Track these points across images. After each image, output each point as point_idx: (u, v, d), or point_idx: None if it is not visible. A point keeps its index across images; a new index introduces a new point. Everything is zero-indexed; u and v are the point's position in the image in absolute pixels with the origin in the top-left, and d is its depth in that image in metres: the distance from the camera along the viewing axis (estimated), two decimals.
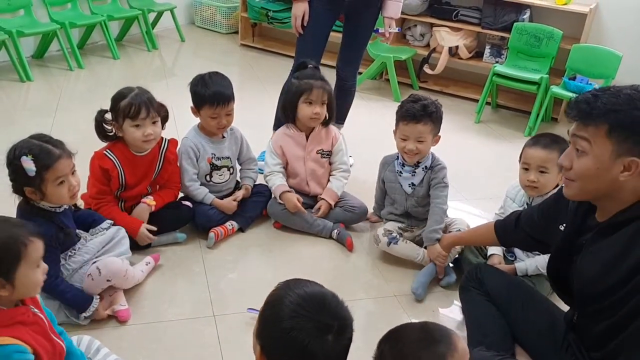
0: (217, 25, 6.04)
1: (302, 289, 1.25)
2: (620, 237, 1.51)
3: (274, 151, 2.76)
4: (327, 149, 2.79)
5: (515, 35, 4.35)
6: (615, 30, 4.41)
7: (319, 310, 1.21)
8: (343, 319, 1.23)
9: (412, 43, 4.99)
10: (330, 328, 1.19)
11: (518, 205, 2.39)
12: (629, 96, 1.45)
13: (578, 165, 1.52)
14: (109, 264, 2.04)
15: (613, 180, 1.48)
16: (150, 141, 2.35)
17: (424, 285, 2.36)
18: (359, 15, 3.05)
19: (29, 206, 1.90)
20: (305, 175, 2.77)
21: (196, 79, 2.55)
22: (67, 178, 1.89)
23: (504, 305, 1.98)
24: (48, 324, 1.56)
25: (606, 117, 1.45)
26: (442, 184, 2.49)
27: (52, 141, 1.90)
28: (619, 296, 1.49)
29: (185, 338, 2.04)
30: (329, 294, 1.26)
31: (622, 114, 1.44)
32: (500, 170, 3.49)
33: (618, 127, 1.44)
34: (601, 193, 1.54)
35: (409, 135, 2.42)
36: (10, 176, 1.87)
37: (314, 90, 2.61)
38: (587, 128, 1.49)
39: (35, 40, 4.74)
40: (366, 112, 4.30)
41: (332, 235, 2.68)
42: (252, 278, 2.39)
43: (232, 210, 2.64)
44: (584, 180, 1.53)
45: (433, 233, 2.42)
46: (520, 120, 4.41)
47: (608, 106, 1.45)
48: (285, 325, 1.19)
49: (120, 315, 2.07)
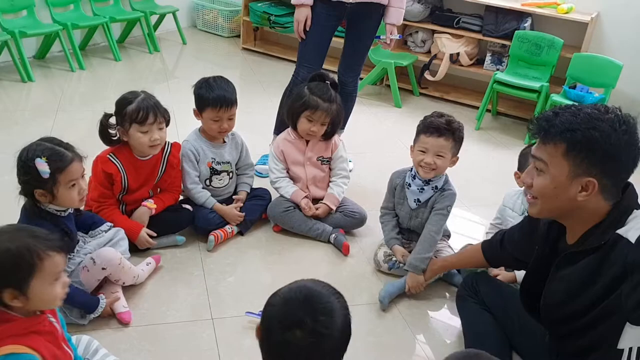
0: (219, 28, 6.06)
1: (302, 283, 1.27)
2: (585, 266, 1.50)
3: (276, 156, 2.77)
4: (327, 155, 2.80)
5: (516, 43, 4.36)
6: (616, 39, 4.43)
7: (295, 304, 1.21)
8: (317, 316, 1.19)
9: (413, 49, 5.00)
10: (299, 323, 1.18)
11: (518, 214, 2.39)
12: (588, 115, 1.43)
13: (537, 183, 1.53)
14: (101, 253, 2.05)
15: (571, 199, 1.48)
16: (156, 146, 2.35)
17: (391, 296, 2.34)
18: (361, 21, 3.06)
19: (37, 209, 1.90)
20: (306, 180, 2.78)
21: (200, 82, 2.56)
22: (78, 181, 1.91)
23: (500, 314, 1.99)
24: (61, 332, 1.57)
25: (563, 136, 1.44)
26: (443, 211, 2.41)
27: (63, 144, 1.91)
28: (584, 321, 1.50)
29: (184, 341, 2.04)
30: (317, 292, 1.24)
31: (579, 133, 1.42)
32: (500, 177, 3.49)
33: (575, 147, 1.43)
34: (563, 212, 1.54)
35: (429, 148, 2.33)
36: (21, 178, 1.86)
37: (318, 111, 2.61)
38: (545, 147, 1.49)
39: (37, 41, 4.75)
40: (366, 117, 4.31)
41: (330, 239, 2.68)
42: (250, 282, 2.39)
43: (238, 221, 2.65)
44: (544, 199, 1.53)
45: (419, 262, 2.34)
46: (520, 128, 4.42)
47: (566, 125, 1.44)
48: (266, 313, 1.24)
49: (122, 318, 2.07)
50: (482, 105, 4.38)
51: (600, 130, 1.41)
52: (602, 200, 1.48)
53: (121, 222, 2.32)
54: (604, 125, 1.41)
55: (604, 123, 1.42)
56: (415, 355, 2.13)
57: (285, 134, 2.79)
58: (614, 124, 1.42)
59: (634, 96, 4.36)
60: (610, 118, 1.43)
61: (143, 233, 2.38)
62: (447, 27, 4.75)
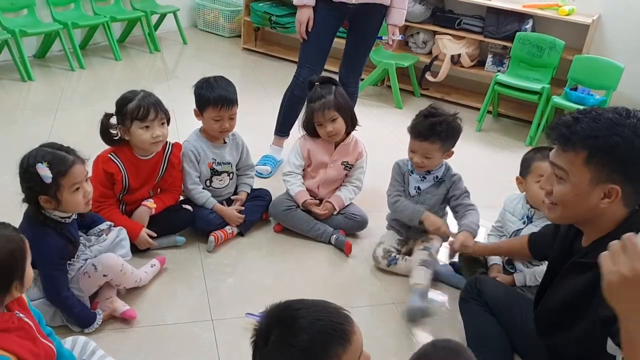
0: (219, 28, 6.05)
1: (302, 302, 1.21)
2: (586, 280, 1.49)
3: (300, 152, 2.75)
4: (352, 162, 2.78)
5: (517, 44, 4.36)
6: (617, 41, 4.42)
7: (270, 312, 1.19)
8: (287, 327, 1.14)
9: (415, 50, 5.00)
10: (267, 333, 1.15)
11: (518, 219, 2.38)
12: (609, 121, 1.40)
13: (557, 191, 1.50)
14: (104, 259, 2.04)
15: (593, 206, 1.45)
16: (159, 143, 2.35)
17: (423, 310, 2.26)
18: (363, 22, 3.06)
19: (41, 216, 1.88)
20: (320, 180, 2.77)
21: (201, 82, 2.55)
22: (82, 185, 1.89)
23: (503, 316, 1.98)
24: (35, 327, 1.55)
25: (585, 143, 1.41)
26: (465, 193, 2.52)
27: (64, 148, 1.89)
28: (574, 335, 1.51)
29: (183, 342, 2.03)
30: (296, 306, 1.18)
31: (601, 140, 1.39)
32: (501, 179, 3.48)
33: (597, 154, 1.40)
34: (583, 218, 1.52)
35: (417, 150, 2.43)
36: (24, 185, 1.85)
37: (315, 113, 2.62)
38: (565, 154, 1.45)
39: (38, 40, 4.73)
40: (367, 118, 4.28)
41: (331, 240, 2.67)
42: (251, 283, 2.38)
43: (238, 222, 2.63)
44: (564, 206, 1.51)
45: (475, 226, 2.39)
46: (521, 130, 4.42)
47: (587, 131, 1.41)
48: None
49: (128, 315, 2.06)
50: (483, 106, 4.37)
51: (623, 136, 1.38)
52: (622, 207, 1.46)
53: (121, 222, 2.30)
54: (626, 130, 1.38)
55: (626, 128, 1.39)
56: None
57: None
58: (636, 129, 1.39)
59: (635, 98, 4.35)
60: (632, 123, 1.40)
61: (143, 233, 2.37)
62: (448, 29, 4.74)
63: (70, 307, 1.95)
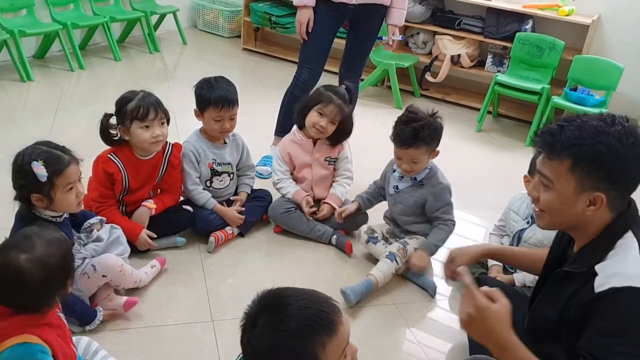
0: (219, 29, 6.05)
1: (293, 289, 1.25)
2: (563, 292, 1.49)
3: (281, 157, 2.75)
4: (334, 156, 2.80)
5: (517, 45, 4.36)
6: (617, 42, 4.42)
7: (260, 297, 1.23)
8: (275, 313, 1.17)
9: (415, 51, 4.99)
10: (256, 317, 1.18)
11: (522, 218, 2.38)
12: (594, 129, 1.39)
13: (543, 199, 1.50)
14: (103, 260, 2.04)
15: (579, 214, 1.45)
16: (159, 142, 2.34)
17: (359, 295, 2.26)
18: (364, 22, 3.06)
19: (32, 215, 1.87)
20: (311, 181, 2.77)
21: (201, 82, 2.55)
22: (75, 185, 1.89)
23: None
24: (68, 330, 1.59)
25: (569, 151, 1.40)
26: (447, 206, 2.46)
27: (60, 147, 1.89)
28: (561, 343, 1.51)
29: (183, 343, 2.03)
30: (286, 293, 1.23)
31: (585, 148, 1.38)
32: (501, 179, 3.49)
33: (581, 162, 1.39)
34: (570, 225, 1.52)
35: (403, 157, 2.40)
36: (17, 182, 1.84)
37: (330, 105, 2.61)
38: (551, 162, 1.45)
39: (37, 40, 4.73)
40: (367, 118, 4.29)
41: (332, 240, 2.67)
42: (251, 283, 2.38)
43: (238, 223, 2.63)
44: (551, 214, 1.51)
45: (430, 245, 2.42)
46: (521, 130, 4.41)
47: (572, 140, 1.40)
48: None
49: (129, 304, 2.07)
50: (483, 107, 4.37)
51: (607, 144, 1.37)
52: (607, 213, 1.46)
53: (121, 223, 2.30)
54: (611, 139, 1.37)
55: (611, 137, 1.37)
56: (417, 358, 2.12)
57: (292, 135, 2.77)
58: (621, 137, 1.37)
59: (635, 98, 4.35)
60: (617, 131, 1.38)
61: (143, 234, 2.36)
62: (448, 29, 4.74)
63: (71, 304, 1.93)
